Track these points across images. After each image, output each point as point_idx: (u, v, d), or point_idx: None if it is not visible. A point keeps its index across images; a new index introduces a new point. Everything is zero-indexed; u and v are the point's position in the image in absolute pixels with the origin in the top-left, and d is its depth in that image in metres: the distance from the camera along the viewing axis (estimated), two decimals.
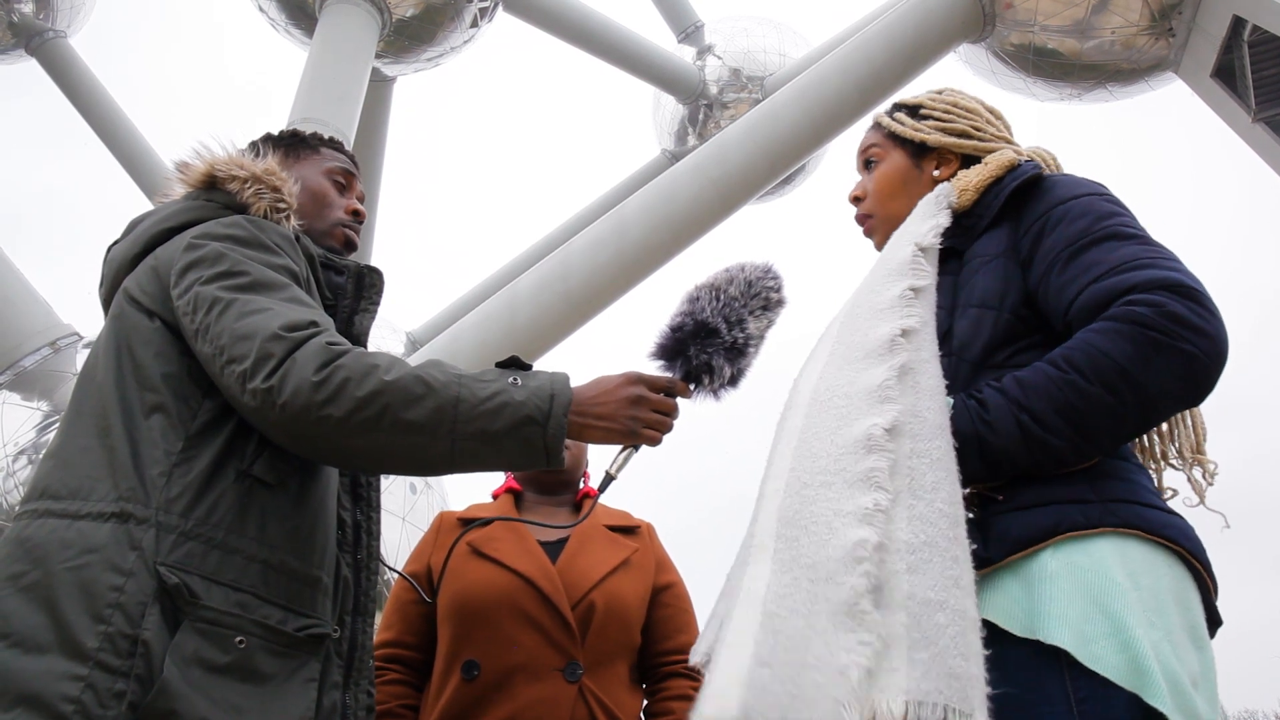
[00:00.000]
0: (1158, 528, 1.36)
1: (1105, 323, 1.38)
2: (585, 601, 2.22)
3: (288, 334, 1.46)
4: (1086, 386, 1.35)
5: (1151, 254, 1.44)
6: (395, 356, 1.51)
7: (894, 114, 1.91)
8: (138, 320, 1.58)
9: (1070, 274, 1.48)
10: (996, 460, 1.40)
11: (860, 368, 1.42)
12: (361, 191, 2.03)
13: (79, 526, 1.38)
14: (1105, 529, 1.34)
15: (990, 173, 1.68)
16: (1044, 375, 1.39)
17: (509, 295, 8.56)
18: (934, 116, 1.85)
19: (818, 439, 1.36)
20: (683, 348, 1.66)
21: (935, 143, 1.82)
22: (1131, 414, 1.36)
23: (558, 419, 1.48)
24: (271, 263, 1.60)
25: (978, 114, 1.85)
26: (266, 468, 1.52)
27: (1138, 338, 1.34)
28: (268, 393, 1.42)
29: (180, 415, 1.50)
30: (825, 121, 8.95)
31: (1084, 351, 1.37)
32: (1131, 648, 1.23)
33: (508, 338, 8.24)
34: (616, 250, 8.51)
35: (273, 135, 2.00)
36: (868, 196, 1.88)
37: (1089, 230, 1.50)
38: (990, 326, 1.53)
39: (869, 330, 1.48)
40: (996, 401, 1.41)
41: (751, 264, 1.73)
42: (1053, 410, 1.37)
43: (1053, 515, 1.37)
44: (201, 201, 1.73)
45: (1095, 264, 1.45)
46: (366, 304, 1.83)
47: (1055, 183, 1.63)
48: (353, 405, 1.42)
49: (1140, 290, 1.37)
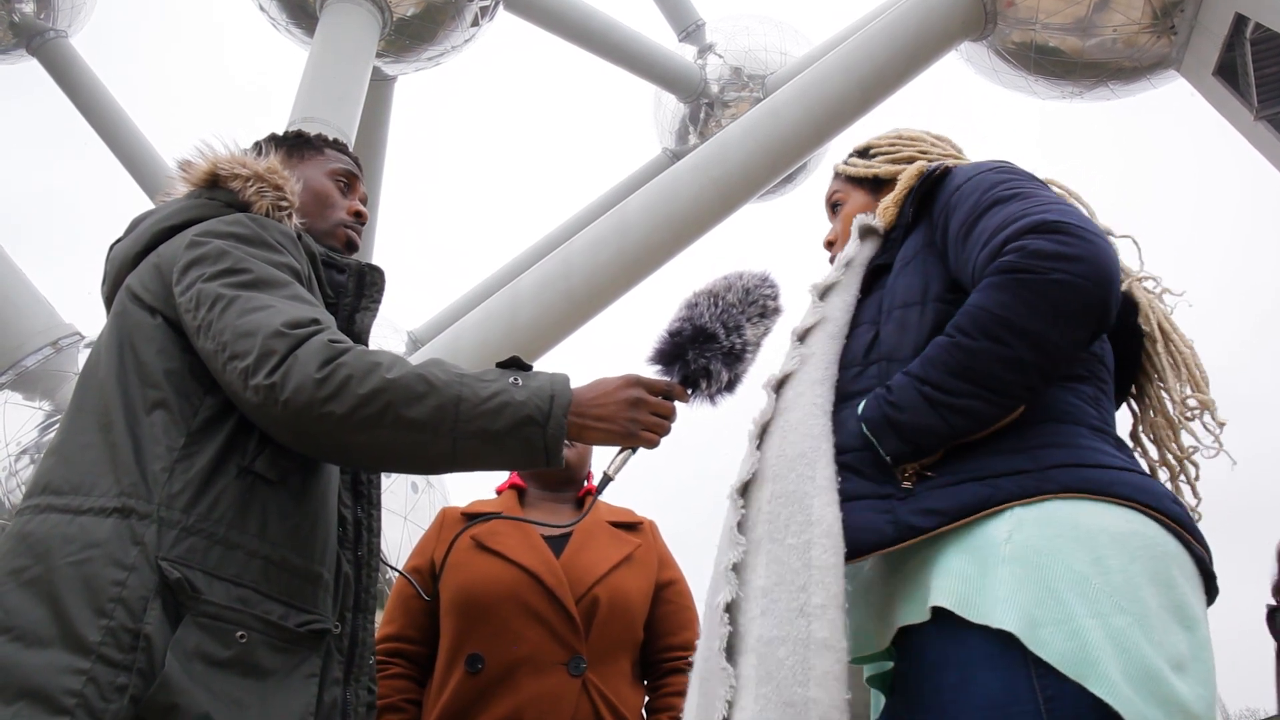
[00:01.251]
0: (1106, 485, 1.34)
1: (984, 279, 1.43)
2: (589, 596, 2.23)
3: (290, 331, 1.47)
4: (972, 343, 1.39)
5: (1026, 206, 1.47)
6: (397, 355, 1.51)
7: (848, 160, 2.01)
8: (140, 317, 1.58)
9: (968, 250, 1.53)
10: (915, 436, 1.43)
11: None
12: (364, 193, 2.04)
13: (81, 522, 1.38)
14: (1046, 496, 1.34)
15: (905, 184, 1.77)
16: (936, 346, 1.45)
17: (510, 294, 8.56)
18: (881, 151, 1.95)
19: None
20: (681, 352, 1.68)
21: (886, 174, 1.89)
22: (1028, 355, 1.37)
23: (558, 419, 1.50)
24: (274, 260, 1.61)
25: (921, 140, 1.94)
26: (268, 464, 1.52)
27: (1006, 284, 1.38)
28: (270, 389, 1.43)
29: (182, 411, 1.51)
30: (827, 120, 8.95)
31: (966, 313, 1.43)
32: (1080, 636, 1.21)
33: (509, 336, 8.24)
34: (618, 249, 8.51)
35: (277, 135, 2.01)
36: (837, 239, 1.96)
37: (978, 204, 1.56)
38: (916, 323, 1.57)
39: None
40: (900, 382, 1.46)
41: (749, 272, 1.76)
42: (948, 374, 1.41)
43: (988, 486, 1.37)
44: (204, 200, 1.73)
45: (982, 233, 1.50)
46: (368, 302, 1.84)
47: (954, 172, 1.70)
48: (355, 402, 1.43)
49: (1011, 240, 1.42)
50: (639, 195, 8.95)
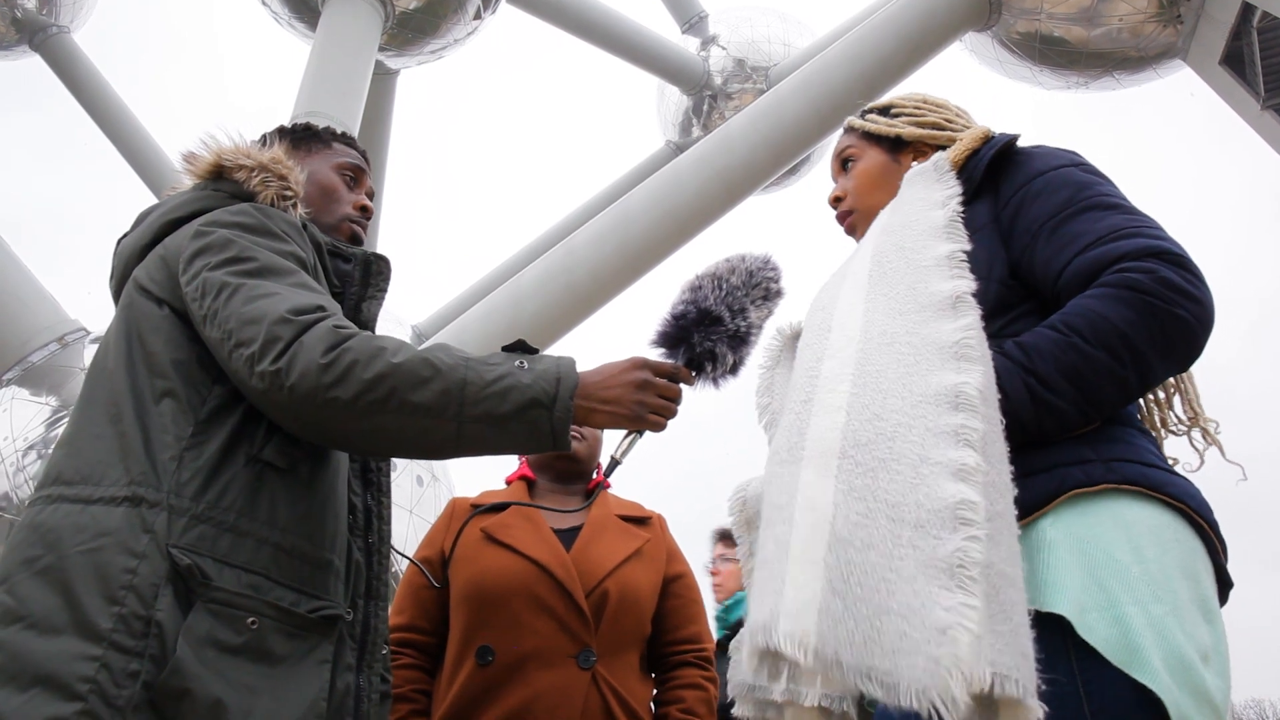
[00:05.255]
0: (1159, 484, 1.37)
1: (1102, 288, 1.40)
2: (599, 589, 2.24)
3: (295, 317, 1.47)
4: (1089, 349, 1.37)
5: (1136, 223, 1.47)
6: (402, 340, 1.51)
7: (865, 116, 1.96)
8: (147, 308, 1.59)
9: (1056, 245, 1.50)
10: (1008, 423, 1.37)
11: (921, 319, 1.38)
12: (371, 188, 2.03)
13: (92, 511, 1.39)
14: (1107, 485, 1.35)
15: (967, 146, 1.71)
16: (1047, 339, 1.41)
17: (514, 288, 8.56)
18: (906, 112, 1.90)
19: (884, 378, 1.29)
20: (686, 335, 1.68)
21: (910, 136, 1.85)
22: (1132, 377, 1.38)
23: (564, 402, 1.49)
24: (279, 249, 1.61)
25: (947, 107, 1.91)
26: (276, 452, 1.53)
27: (1135, 303, 1.37)
28: (275, 375, 1.43)
29: (190, 401, 1.51)
30: (830, 112, 8.91)
31: (1084, 316, 1.40)
32: (1124, 623, 1.22)
33: (513, 330, 8.24)
34: (621, 242, 8.50)
35: (284, 127, 2.01)
36: (847, 195, 1.91)
37: (1071, 201, 1.53)
38: (980, 297, 1.51)
39: (919, 285, 1.43)
40: (1003, 365, 1.41)
41: (751, 254, 1.76)
42: (1058, 372, 1.38)
43: (1055, 478, 1.38)
44: (209, 191, 1.74)
45: (1081, 234, 1.48)
46: (374, 291, 1.84)
47: (1031, 154, 1.66)
48: (360, 387, 1.43)
49: (1131, 258, 1.40)
50: (642, 188, 8.94)
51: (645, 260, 8.74)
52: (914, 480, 1.16)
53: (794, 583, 1.09)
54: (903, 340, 1.36)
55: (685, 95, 17.64)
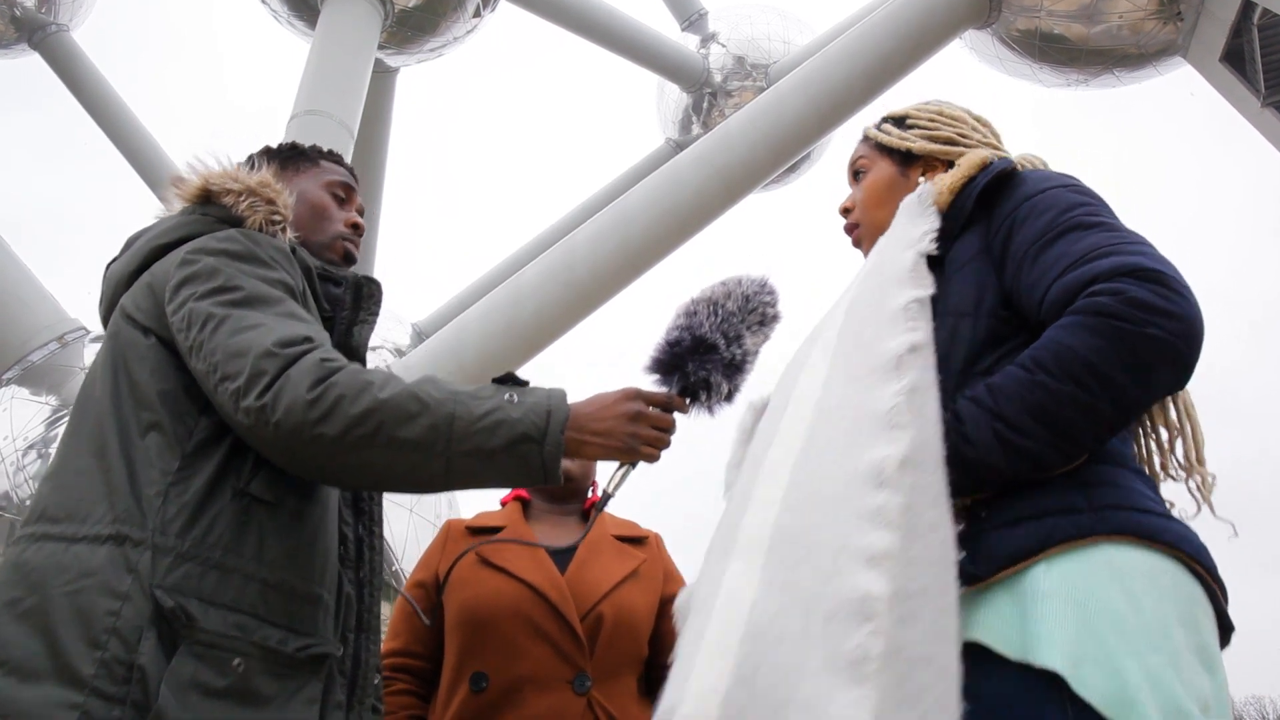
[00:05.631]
0: (1155, 532, 1.32)
1: (1070, 317, 1.35)
2: (594, 613, 2.20)
3: (281, 350, 1.46)
4: (1055, 384, 1.31)
5: (1114, 240, 1.40)
6: (391, 373, 1.51)
7: (880, 125, 1.91)
8: (134, 337, 1.58)
9: (1038, 271, 1.45)
10: (979, 472, 1.36)
11: (867, 385, 1.35)
12: (361, 204, 2.02)
13: (75, 550, 1.38)
14: (1098, 537, 1.30)
15: (963, 173, 1.65)
16: (1013, 378, 1.36)
17: (514, 287, 8.55)
18: (919, 125, 1.84)
19: (824, 457, 1.29)
20: (680, 363, 1.65)
21: (920, 150, 1.80)
22: (1106, 407, 1.31)
23: (555, 436, 1.47)
24: (266, 277, 1.60)
25: (963, 121, 1.84)
26: (264, 485, 1.51)
27: (1101, 328, 1.30)
28: (261, 410, 1.41)
29: (176, 433, 1.50)
30: (830, 109, 8.90)
31: (1049, 349, 1.34)
32: (1120, 675, 1.18)
33: (513, 329, 8.23)
34: (621, 241, 8.48)
35: (271, 148, 1.99)
36: (855, 207, 1.87)
37: (1054, 223, 1.47)
38: (969, 333, 1.50)
39: (874, 343, 1.41)
40: (970, 412, 1.38)
41: (748, 278, 1.72)
42: (1024, 412, 1.33)
43: (1044, 528, 1.32)
44: (197, 216, 1.72)
45: (1060, 257, 1.42)
46: (365, 315, 1.82)
47: (1024, 178, 1.61)
48: (347, 423, 1.41)
49: (1102, 279, 1.34)
50: (641, 187, 8.93)
51: (645, 258, 8.72)
52: (831, 571, 1.16)
53: (701, 672, 1.10)
54: (849, 412, 1.34)
55: (685, 93, 17.62)
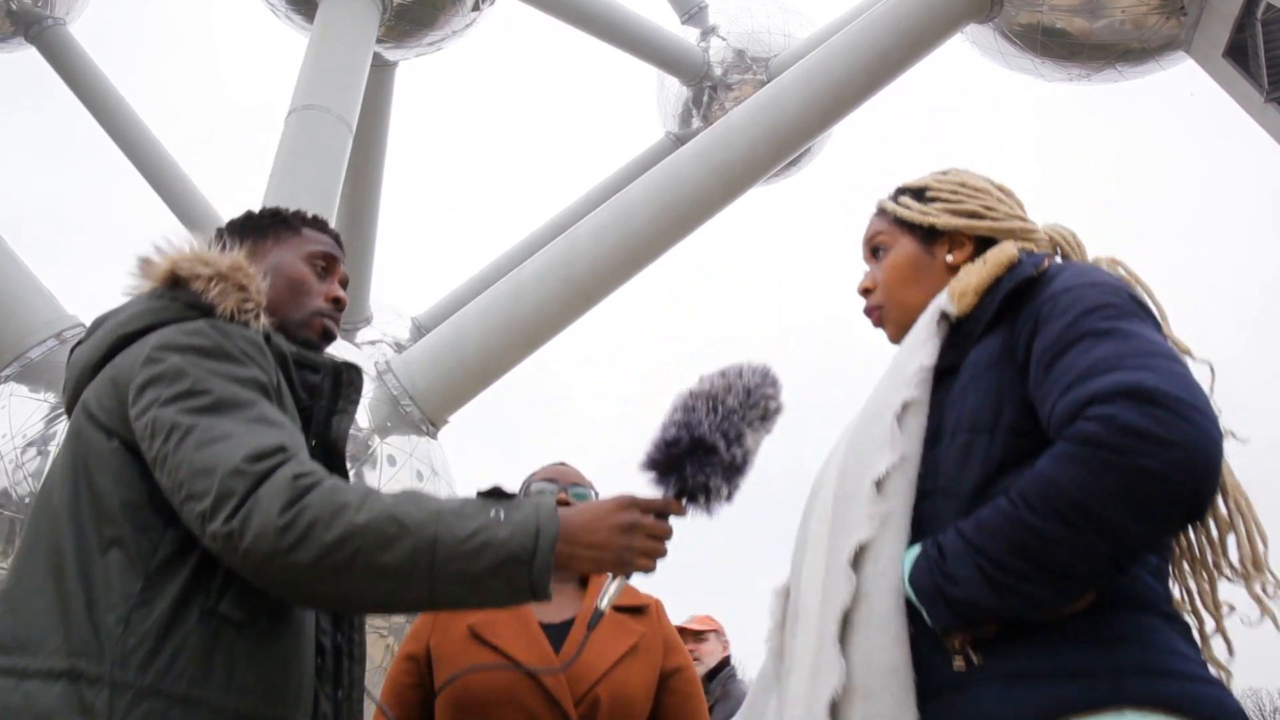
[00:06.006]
0: (1184, 703, 1.19)
1: (1060, 444, 1.25)
2: (590, 695, 2.14)
3: (250, 466, 1.36)
4: (1037, 522, 1.21)
5: (1122, 352, 1.28)
6: (368, 489, 1.41)
7: (898, 198, 1.79)
8: (96, 440, 1.49)
9: (1048, 385, 1.34)
10: (969, 611, 1.26)
11: (858, 503, 1.41)
12: (345, 274, 1.92)
13: (26, 688, 1.30)
14: (1117, 709, 1.18)
15: (989, 272, 1.54)
16: (998, 513, 1.26)
17: (514, 282, 8.53)
18: (941, 198, 1.73)
19: (826, 555, 1.41)
20: (678, 465, 1.57)
21: (945, 226, 1.69)
22: (1100, 546, 1.20)
23: (544, 556, 1.40)
24: (237, 375, 1.51)
25: (987, 193, 1.73)
26: (234, 603, 1.43)
27: (1086, 459, 1.19)
28: (229, 537, 1.32)
29: (140, 549, 1.41)
30: (831, 104, 8.87)
31: (1035, 481, 1.24)
32: None
33: (513, 324, 8.22)
34: (621, 236, 8.47)
35: (251, 214, 1.90)
36: (877, 287, 1.76)
37: (1068, 330, 1.36)
38: (983, 453, 1.38)
39: (867, 465, 1.43)
40: (955, 548, 1.29)
41: (749, 367, 1.65)
42: (1008, 552, 1.23)
43: (1052, 694, 1.21)
44: (165, 301, 1.63)
45: (1066, 371, 1.31)
46: (345, 404, 1.74)
47: (1053, 276, 1.48)
48: (321, 550, 1.32)
49: (1099, 401, 1.22)
50: (642, 182, 8.90)
51: (645, 254, 8.71)
52: None
53: None
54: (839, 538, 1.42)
55: (685, 86, 17.56)
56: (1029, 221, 1.72)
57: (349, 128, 8.98)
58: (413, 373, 8.06)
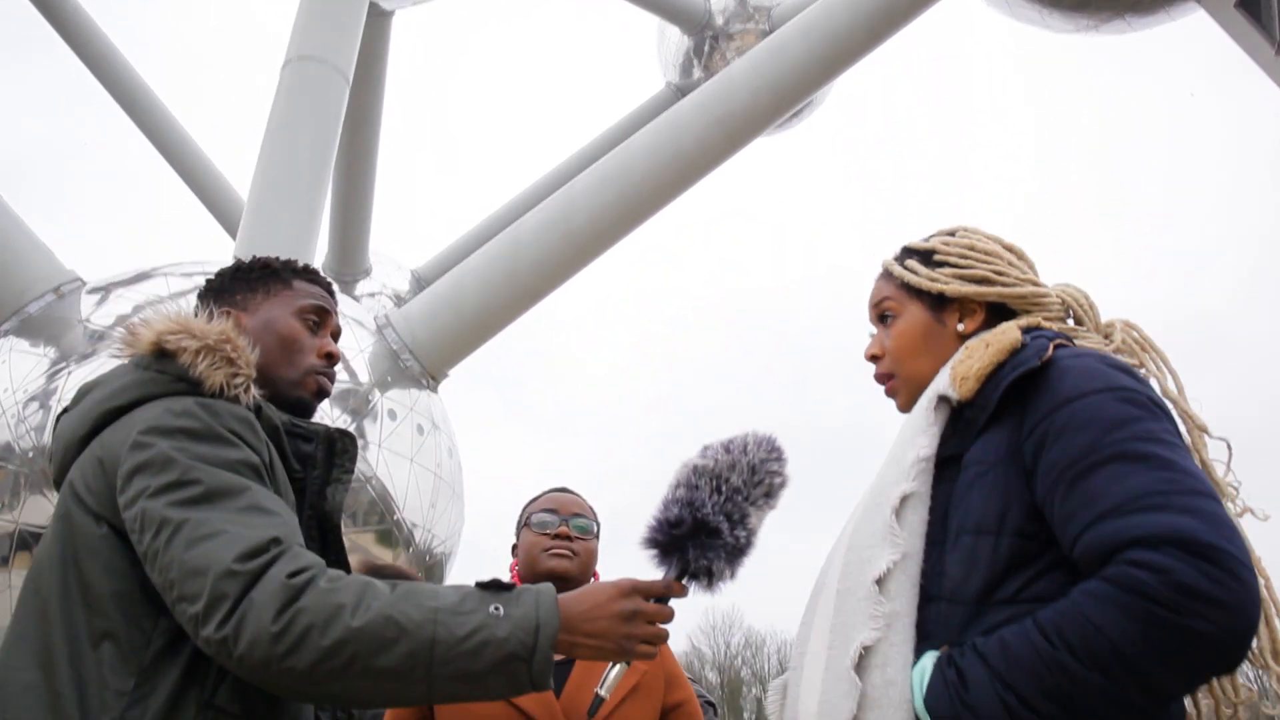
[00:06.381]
0: None
1: (1102, 585, 1.20)
2: None
3: (242, 566, 1.33)
4: (1077, 668, 1.18)
5: (1164, 486, 1.23)
6: (365, 584, 1.39)
7: (905, 261, 1.74)
8: (85, 526, 1.46)
9: (1073, 504, 1.29)
10: None
11: (858, 600, 1.41)
12: (337, 326, 1.89)
13: None
14: None
15: (991, 358, 1.48)
16: (1031, 647, 1.22)
17: (512, 236, 8.49)
18: (949, 262, 1.68)
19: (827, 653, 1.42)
20: (680, 546, 1.55)
21: (954, 293, 1.65)
22: (1136, 697, 1.18)
23: (544, 652, 1.39)
24: (226, 459, 1.47)
25: (998, 256, 1.68)
26: (230, 696, 1.42)
27: (1136, 612, 1.16)
28: (223, 643, 1.31)
29: (132, 642, 1.40)
30: (833, 56, 8.73)
31: (1076, 623, 1.20)
32: None
33: (512, 279, 8.20)
34: (620, 190, 8.40)
35: (241, 265, 1.86)
36: (886, 355, 1.72)
37: (1095, 447, 1.30)
38: (988, 556, 1.35)
39: (868, 560, 1.42)
40: (977, 676, 1.25)
41: (754, 441, 1.61)
42: (1040, 693, 1.20)
43: None
44: (152, 373, 1.60)
45: (1098, 497, 1.26)
46: (339, 473, 1.72)
47: (1062, 371, 1.42)
48: (317, 656, 1.30)
49: (1145, 545, 1.18)
50: (642, 134, 8.80)
51: (645, 207, 8.65)
52: None
53: None
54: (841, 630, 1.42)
55: (686, 36, 17.28)
56: (1041, 285, 1.68)
57: (345, 79, 8.85)
58: (412, 327, 8.06)
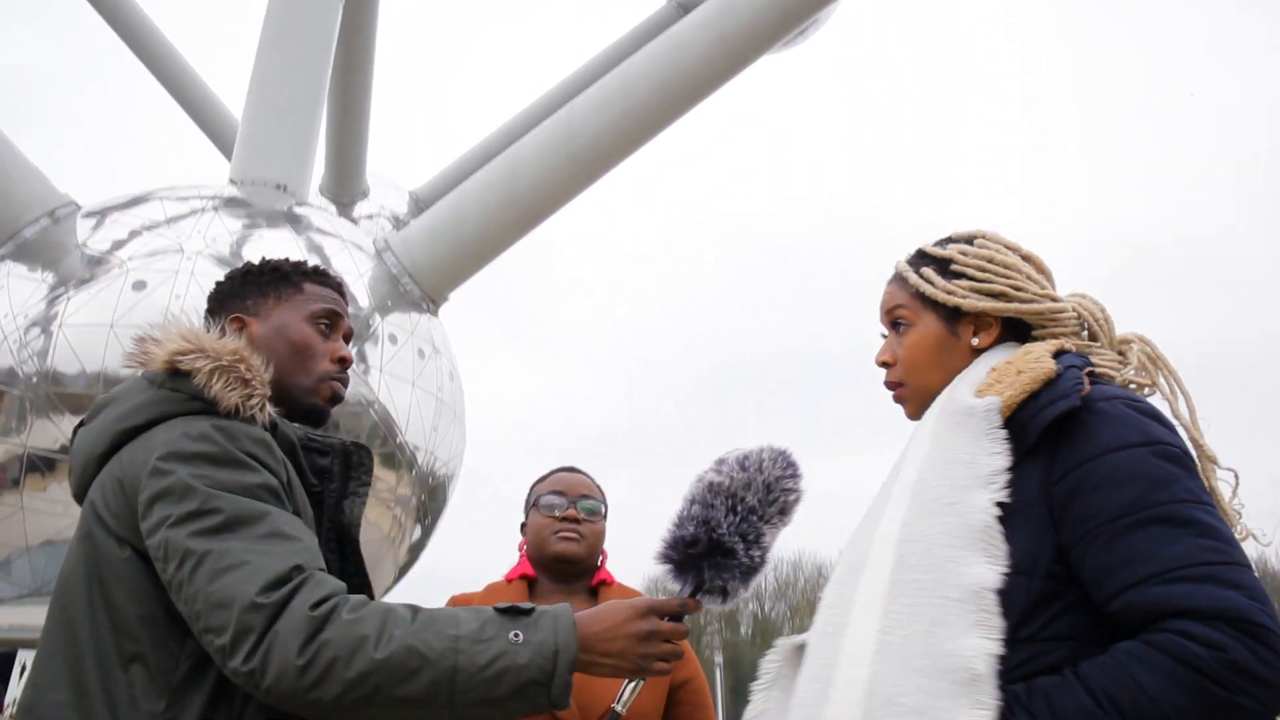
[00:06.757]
0: None
1: (1153, 652, 1.23)
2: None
3: (266, 598, 1.37)
4: None
5: (1209, 555, 1.26)
6: (386, 611, 1.42)
7: (920, 269, 1.71)
8: (109, 549, 1.50)
9: (1112, 559, 1.31)
10: None
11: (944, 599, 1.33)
12: (349, 328, 1.89)
13: None
14: None
15: (1024, 387, 1.46)
16: (1079, 707, 1.24)
17: (511, 158, 8.36)
18: (967, 275, 1.65)
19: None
20: (695, 564, 1.58)
21: (971, 308, 1.63)
22: None
23: (562, 677, 1.43)
24: (245, 485, 1.50)
25: (1016, 270, 1.66)
26: (257, 715, 1.47)
27: (1190, 684, 1.19)
28: (250, 675, 1.35)
29: (160, 664, 1.44)
30: None
31: (1127, 690, 1.22)
32: None
33: (511, 202, 8.11)
34: (622, 110, 8.24)
35: (252, 268, 1.86)
36: (897, 363, 1.71)
37: (1139, 504, 1.32)
38: (1024, 595, 1.35)
39: (952, 560, 1.35)
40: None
41: (769, 458, 1.61)
42: None
43: None
44: (166, 392, 1.62)
45: (1142, 558, 1.28)
46: (356, 485, 1.74)
47: (1101, 417, 1.41)
48: (342, 687, 1.35)
49: (1198, 618, 1.22)
50: (643, 54, 8.60)
51: (646, 128, 8.50)
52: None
53: None
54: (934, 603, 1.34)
55: None
56: (1059, 300, 1.67)
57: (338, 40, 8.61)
58: (412, 250, 8.01)
